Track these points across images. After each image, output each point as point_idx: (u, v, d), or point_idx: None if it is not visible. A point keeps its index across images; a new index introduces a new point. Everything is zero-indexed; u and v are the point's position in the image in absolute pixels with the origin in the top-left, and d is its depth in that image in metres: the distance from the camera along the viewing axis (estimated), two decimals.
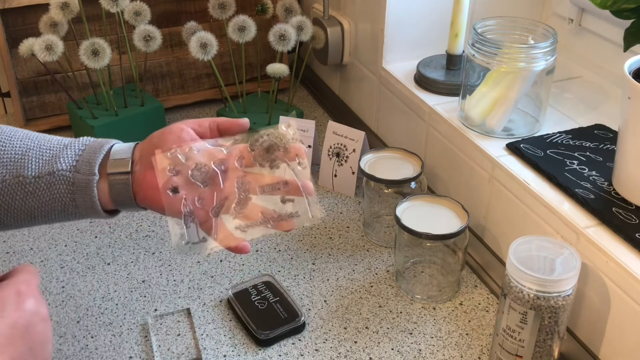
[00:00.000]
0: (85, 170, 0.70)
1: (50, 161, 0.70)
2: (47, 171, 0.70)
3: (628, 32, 0.80)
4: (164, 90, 1.39)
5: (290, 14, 1.22)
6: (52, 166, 0.70)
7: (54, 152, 0.71)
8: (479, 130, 0.95)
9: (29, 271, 0.63)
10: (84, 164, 0.70)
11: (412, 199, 0.93)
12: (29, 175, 0.70)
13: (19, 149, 0.71)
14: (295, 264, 0.98)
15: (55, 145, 0.72)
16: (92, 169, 0.70)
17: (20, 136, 0.72)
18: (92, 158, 0.71)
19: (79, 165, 0.70)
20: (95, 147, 0.72)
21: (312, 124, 1.13)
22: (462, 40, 1.04)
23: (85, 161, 0.71)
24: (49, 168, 0.70)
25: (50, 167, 0.70)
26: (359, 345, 0.84)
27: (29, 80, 1.28)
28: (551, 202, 0.80)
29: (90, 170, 0.70)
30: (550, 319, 0.72)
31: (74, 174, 0.70)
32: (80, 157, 0.71)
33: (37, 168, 0.70)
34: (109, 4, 1.13)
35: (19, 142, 0.72)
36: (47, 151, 0.71)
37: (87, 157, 0.71)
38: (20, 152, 0.71)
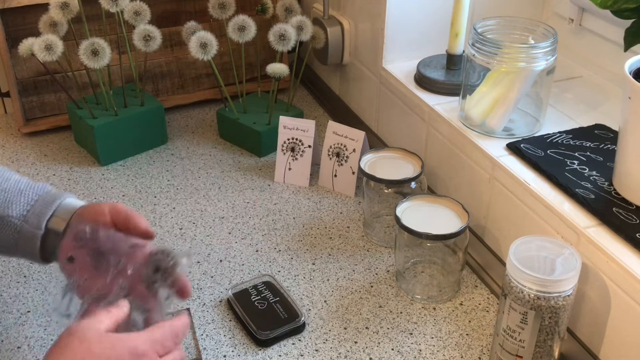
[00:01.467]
0: (33, 222, 0.73)
1: (3, 205, 0.73)
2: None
3: (628, 32, 0.80)
4: (164, 90, 1.39)
5: (290, 14, 1.22)
6: (4, 210, 0.73)
7: (8, 196, 0.74)
8: (479, 130, 0.95)
9: None
10: (34, 216, 0.73)
11: (412, 199, 0.93)
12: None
13: None
14: (295, 264, 0.98)
15: (11, 188, 0.75)
16: (40, 224, 0.73)
17: None
18: (42, 212, 0.73)
19: (29, 216, 0.73)
20: (47, 200, 0.74)
21: (312, 124, 1.13)
22: (462, 40, 1.04)
23: (35, 214, 0.73)
24: (1, 212, 0.73)
25: (2, 211, 0.73)
26: (359, 346, 0.84)
27: (29, 80, 1.28)
28: (551, 202, 0.80)
29: (38, 225, 0.73)
30: (551, 319, 0.72)
31: (22, 223, 0.73)
32: (32, 208, 0.74)
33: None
34: (109, 4, 1.13)
35: None
36: (2, 193, 0.74)
37: (37, 210, 0.73)
38: None
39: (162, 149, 1.26)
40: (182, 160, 1.23)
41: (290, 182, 1.16)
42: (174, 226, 1.06)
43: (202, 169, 1.20)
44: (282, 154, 1.15)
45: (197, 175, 1.19)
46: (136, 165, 1.21)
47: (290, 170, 1.15)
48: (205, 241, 1.02)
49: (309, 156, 1.14)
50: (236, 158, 1.24)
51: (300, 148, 1.14)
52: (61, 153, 1.25)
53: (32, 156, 1.24)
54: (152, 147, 1.26)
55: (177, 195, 1.13)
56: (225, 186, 1.15)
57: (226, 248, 1.01)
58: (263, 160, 1.23)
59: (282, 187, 1.15)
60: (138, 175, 1.18)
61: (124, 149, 1.23)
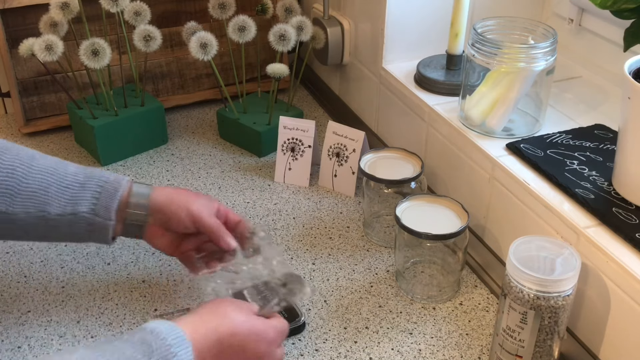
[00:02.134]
0: (103, 214, 0.80)
1: (71, 201, 0.79)
2: (69, 211, 0.79)
3: (628, 32, 0.80)
4: (164, 90, 1.39)
5: (290, 14, 1.22)
6: (74, 207, 0.79)
7: (73, 192, 0.80)
8: (479, 130, 0.95)
9: None
10: (102, 209, 0.80)
11: (412, 199, 0.93)
12: (53, 212, 0.79)
13: (40, 182, 0.79)
14: (295, 264, 0.98)
15: (72, 183, 0.80)
16: (110, 215, 0.80)
17: (37, 167, 0.80)
18: (109, 204, 0.80)
19: (97, 209, 0.80)
20: (110, 191, 0.81)
21: (312, 124, 1.14)
22: (462, 40, 1.04)
23: (103, 206, 0.80)
24: (71, 209, 0.79)
25: (72, 208, 0.79)
26: (359, 345, 0.84)
27: (29, 80, 1.28)
28: (551, 202, 0.80)
29: (108, 216, 0.80)
30: (550, 319, 0.72)
31: (93, 216, 0.80)
32: (98, 201, 0.80)
33: (60, 207, 0.79)
34: (109, 4, 1.13)
35: (38, 175, 0.80)
36: (66, 189, 0.80)
37: (104, 202, 0.80)
38: (41, 186, 0.79)
39: (162, 149, 1.26)
40: (182, 160, 1.23)
41: (290, 182, 1.16)
42: None
43: (202, 169, 1.20)
44: (282, 154, 1.15)
45: (197, 175, 1.19)
46: (136, 165, 1.22)
47: (290, 170, 1.15)
48: None
49: (309, 156, 1.14)
50: (236, 158, 1.24)
51: (300, 148, 1.14)
52: (61, 153, 1.25)
53: None
54: (152, 147, 1.26)
55: None
56: (225, 186, 1.16)
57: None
58: (263, 160, 1.23)
59: (282, 187, 1.15)
60: (138, 175, 1.19)
61: (124, 149, 1.23)
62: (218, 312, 0.72)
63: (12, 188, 0.78)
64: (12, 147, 0.81)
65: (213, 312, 0.72)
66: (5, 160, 0.79)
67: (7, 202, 0.78)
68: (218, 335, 0.69)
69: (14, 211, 0.79)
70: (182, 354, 0.65)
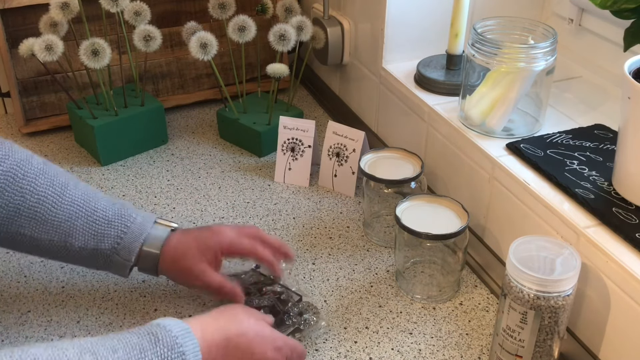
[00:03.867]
0: (124, 255, 0.83)
1: (95, 237, 0.82)
2: (92, 246, 0.82)
3: (628, 32, 0.80)
4: (164, 90, 1.39)
5: (290, 14, 1.22)
6: (97, 244, 0.82)
7: (98, 228, 0.82)
8: (479, 130, 0.95)
9: None
10: (124, 250, 0.83)
11: (412, 199, 0.93)
12: (76, 245, 0.81)
13: (68, 214, 0.81)
14: (295, 264, 0.98)
15: (100, 219, 0.82)
16: (130, 257, 0.83)
17: (68, 198, 0.82)
18: (132, 246, 0.83)
19: (119, 249, 0.82)
20: (135, 233, 0.83)
21: (312, 124, 1.14)
22: (462, 40, 1.04)
23: (125, 247, 0.82)
24: (94, 244, 0.82)
25: (95, 244, 0.82)
26: (359, 345, 0.84)
27: (29, 80, 1.28)
28: (551, 202, 0.80)
29: (129, 258, 0.83)
30: (550, 319, 0.72)
31: (114, 254, 0.83)
32: (122, 241, 0.82)
33: (83, 241, 0.82)
34: (109, 4, 1.13)
35: (68, 206, 0.82)
36: (93, 225, 0.82)
37: (127, 244, 0.83)
38: (69, 218, 0.81)
39: (162, 149, 1.26)
40: (182, 160, 1.23)
41: (290, 182, 1.16)
42: None
43: (202, 169, 1.20)
44: (282, 154, 1.15)
45: (197, 175, 1.19)
46: (136, 165, 1.22)
47: (290, 170, 1.15)
48: None
49: (309, 156, 1.14)
50: (236, 158, 1.24)
51: (300, 148, 1.14)
52: (61, 153, 1.25)
53: None
54: (152, 147, 1.26)
55: (177, 195, 1.13)
56: (225, 186, 1.16)
57: None
58: (263, 160, 1.23)
59: (282, 187, 1.15)
60: (138, 175, 1.19)
61: (124, 149, 1.23)
62: (229, 313, 0.73)
63: (41, 215, 0.80)
64: (48, 171, 0.82)
65: (224, 313, 0.73)
66: (38, 186, 0.80)
67: (32, 228, 0.80)
68: (226, 333, 0.70)
69: (39, 237, 0.81)
70: (189, 344, 0.66)
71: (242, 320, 0.72)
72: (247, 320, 0.73)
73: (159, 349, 0.64)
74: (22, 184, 0.79)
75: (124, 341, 0.63)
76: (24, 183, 0.80)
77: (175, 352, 0.64)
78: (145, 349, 0.63)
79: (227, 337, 0.70)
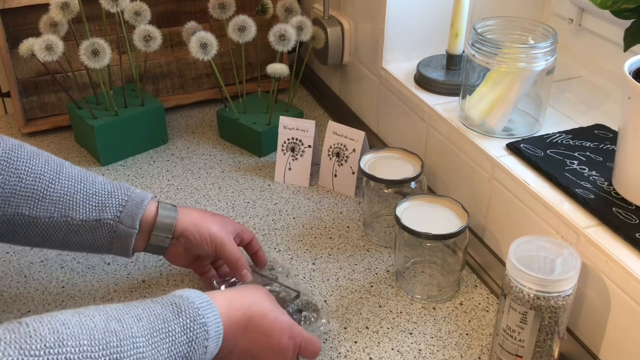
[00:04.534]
0: (128, 223, 0.81)
1: (97, 207, 0.80)
2: (94, 217, 0.80)
3: (628, 32, 0.80)
4: (164, 90, 1.39)
5: (290, 14, 1.22)
6: (99, 214, 0.80)
7: (99, 199, 0.81)
8: (479, 130, 0.95)
9: None
10: (127, 217, 0.81)
11: (412, 199, 0.93)
12: (77, 217, 0.80)
13: (67, 189, 0.80)
14: (295, 264, 0.98)
15: (100, 191, 0.81)
16: (134, 224, 0.81)
17: (65, 174, 0.81)
18: (135, 212, 0.81)
19: (123, 217, 0.81)
20: (137, 200, 0.82)
21: (312, 124, 1.14)
22: (462, 40, 1.04)
23: (128, 214, 0.81)
24: (96, 215, 0.80)
25: (97, 214, 0.80)
26: (359, 345, 0.84)
27: (29, 80, 1.28)
28: (551, 202, 0.80)
29: (132, 225, 0.81)
30: (550, 319, 0.72)
31: (117, 224, 0.81)
32: (124, 208, 0.81)
33: (85, 213, 0.80)
34: (109, 4, 1.13)
35: (66, 181, 0.81)
36: (93, 196, 0.81)
37: (130, 211, 0.81)
38: (68, 192, 0.80)
39: (162, 149, 1.26)
40: (182, 160, 1.23)
41: (290, 182, 1.16)
42: None
43: (202, 169, 1.20)
44: (282, 154, 1.15)
45: (197, 175, 1.19)
46: (136, 165, 1.22)
47: (290, 170, 1.15)
48: None
49: (309, 156, 1.14)
50: (236, 158, 1.24)
51: (300, 148, 1.14)
52: (61, 153, 1.25)
53: None
54: (152, 147, 1.26)
55: (177, 195, 1.13)
56: (225, 186, 1.16)
57: None
58: (263, 160, 1.23)
59: (282, 187, 1.15)
60: (138, 175, 1.19)
61: (124, 149, 1.23)
62: (254, 294, 0.74)
63: (39, 192, 0.79)
64: (42, 153, 0.82)
65: (249, 292, 0.74)
66: (34, 165, 0.80)
67: (30, 206, 0.79)
68: (249, 312, 0.71)
69: (37, 215, 0.79)
70: (210, 316, 0.66)
71: (265, 303, 0.73)
72: (270, 304, 0.74)
73: (181, 319, 0.64)
74: (17, 165, 0.79)
75: (148, 310, 0.64)
76: (19, 164, 0.79)
77: (198, 323, 0.65)
78: (169, 319, 0.64)
79: (249, 316, 0.71)
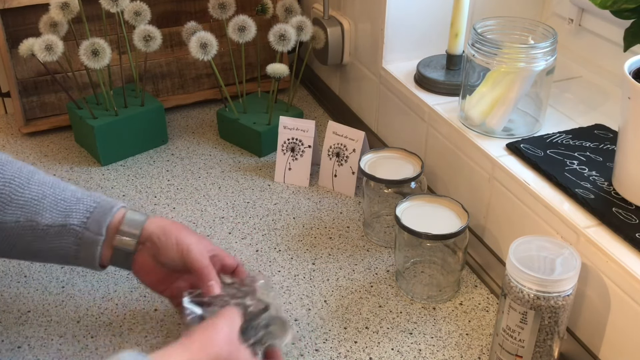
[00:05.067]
0: (94, 229, 0.77)
1: (63, 213, 0.77)
2: (59, 222, 0.77)
3: (628, 32, 0.80)
4: (164, 90, 1.39)
5: (290, 14, 1.22)
6: (65, 219, 0.77)
7: (67, 205, 0.78)
8: (479, 130, 0.95)
9: None
10: (94, 223, 0.77)
11: (412, 199, 0.93)
12: (43, 222, 0.76)
13: (35, 194, 0.77)
14: (295, 264, 0.98)
15: (69, 197, 0.78)
16: (100, 230, 0.77)
17: (36, 180, 0.79)
18: (102, 219, 0.78)
19: (89, 223, 0.77)
20: (105, 207, 0.79)
21: (312, 124, 1.14)
22: (462, 40, 1.04)
23: (95, 220, 0.77)
24: (62, 220, 0.77)
25: (63, 219, 0.77)
26: (359, 345, 0.84)
27: (29, 80, 1.28)
28: (551, 202, 0.80)
29: (99, 231, 0.77)
30: (550, 319, 0.72)
31: (84, 230, 0.77)
32: (92, 214, 0.78)
33: (51, 217, 0.77)
34: (109, 4, 1.13)
35: (36, 186, 0.78)
36: (62, 202, 0.78)
37: (97, 217, 0.78)
38: (36, 197, 0.77)
39: (162, 149, 1.26)
40: (182, 160, 1.23)
41: (290, 182, 1.16)
42: None
43: (202, 169, 1.20)
44: (282, 154, 1.15)
45: (197, 175, 1.19)
46: (136, 165, 1.22)
47: (290, 170, 1.16)
48: None
49: (309, 156, 1.14)
50: (236, 158, 1.24)
51: (300, 148, 1.14)
52: (61, 153, 1.25)
53: (32, 156, 1.24)
54: (152, 147, 1.26)
55: (177, 195, 1.13)
56: (225, 186, 1.16)
57: (226, 248, 1.01)
58: (263, 160, 1.23)
59: (282, 187, 1.15)
60: (138, 175, 1.19)
61: (124, 149, 1.23)
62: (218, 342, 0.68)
63: (7, 197, 0.76)
64: (14, 162, 0.80)
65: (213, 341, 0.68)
66: (5, 171, 0.78)
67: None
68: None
69: (3, 219, 0.76)
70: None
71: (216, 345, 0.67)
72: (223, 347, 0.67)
73: None
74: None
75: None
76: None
77: None
78: None
79: None
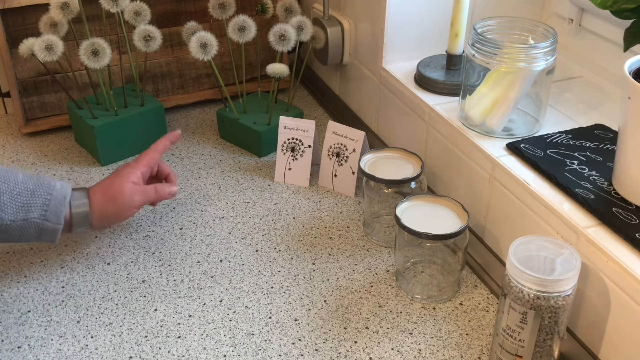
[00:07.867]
0: (53, 220, 0.87)
1: (22, 208, 0.85)
2: (21, 217, 0.85)
3: (628, 32, 0.80)
4: (164, 90, 1.39)
5: (290, 14, 1.22)
6: (26, 214, 0.85)
7: (24, 200, 0.86)
8: (479, 130, 0.95)
9: None
10: (52, 215, 0.87)
11: (412, 199, 0.93)
12: (6, 218, 0.84)
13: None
14: (295, 264, 0.98)
15: (23, 191, 0.86)
16: (59, 220, 0.87)
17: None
18: (58, 210, 0.87)
19: (48, 215, 0.86)
20: (59, 198, 0.88)
21: (312, 124, 1.14)
22: (462, 40, 1.04)
23: (53, 212, 0.87)
24: (23, 215, 0.85)
25: (24, 214, 0.85)
26: (359, 345, 0.84)
27: (29, 80, 1.28)
28: (551, 202, 0.80)
29: (58, 221, 0.87)
30: (550, 319, 0.72)
31: (44, 222, 0.86)
32: (49, 207, 0.87)
33: (13, 213, 0.85)
34: (109, 4, 1.13)
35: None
36: (18, 197, 0.85)
37: (54, 209, 0.87)
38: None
39: None
40: (182, 160, 1.23)
41: (290, 182, 1.16)
42: (174, 226, 1.06)
43: (202, 169, 1.20)
44: (282, 154, 1.15)
45: (197, 175, 1.19)
46: None
47: (290, 170, 1.16)
48: (205, 241, 1.02)
49: (309, 156, 1.14)
50: (236, 158, 1.24)
51: (300, 148, 1.14)
52: (61, 153, 1.25)
53: (32, 156, 1.24)
54: None
55: (177, 195, 1.13)
56: (225, 186, 1.16)
57: (226, 248, 1.01)
58: (263, 160, 1.23)
59: (282, 187, 1.15)
60: None
61: (124, 149, 1.23)
62: None
63: None
64: None
65: None
66: None
67: None
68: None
69: None
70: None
71: None
72: None
73: None
74: None
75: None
76: None
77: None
78: None
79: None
